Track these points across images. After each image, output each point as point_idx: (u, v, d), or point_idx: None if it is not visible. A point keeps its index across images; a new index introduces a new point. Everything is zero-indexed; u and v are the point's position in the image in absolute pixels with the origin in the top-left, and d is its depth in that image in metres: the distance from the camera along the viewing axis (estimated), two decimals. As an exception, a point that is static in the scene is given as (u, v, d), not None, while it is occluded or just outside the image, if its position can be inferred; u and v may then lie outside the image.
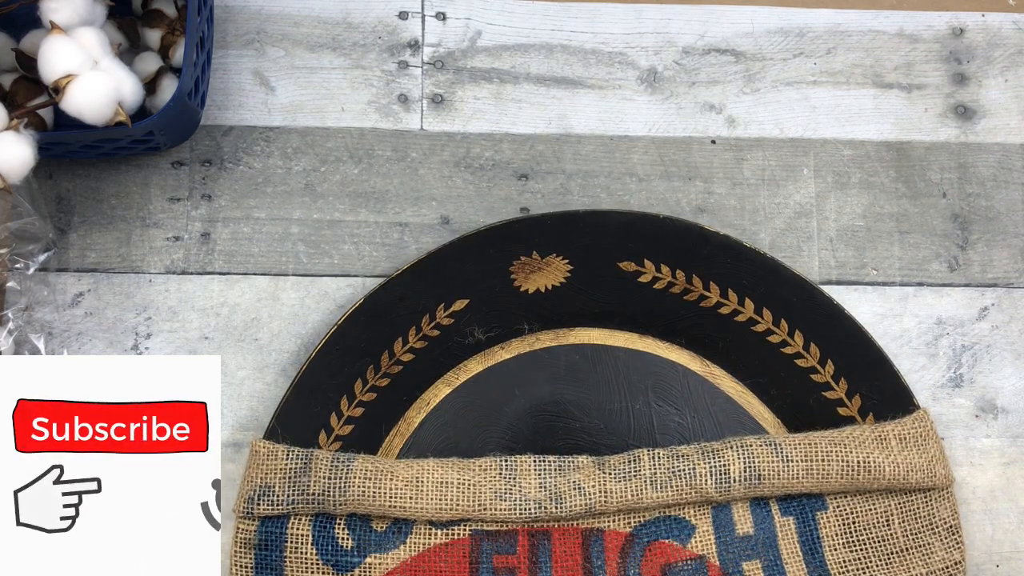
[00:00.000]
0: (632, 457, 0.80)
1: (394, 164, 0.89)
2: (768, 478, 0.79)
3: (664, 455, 0.78)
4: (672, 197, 0.89)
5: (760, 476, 0.79)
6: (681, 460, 0.79)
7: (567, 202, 0.89)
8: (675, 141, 0.90)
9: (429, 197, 0.89)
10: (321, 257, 0.88)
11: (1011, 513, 0.85)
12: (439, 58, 0.91)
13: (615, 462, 0.80)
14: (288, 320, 0.87)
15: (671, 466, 0.79)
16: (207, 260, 0.87)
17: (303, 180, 0.89)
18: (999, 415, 0.86)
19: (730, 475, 0.79)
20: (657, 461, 0.78)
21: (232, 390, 0.85)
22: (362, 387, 0.83)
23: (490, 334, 0.85)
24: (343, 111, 0.90)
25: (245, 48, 0.91)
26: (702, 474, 0.79)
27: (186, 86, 0.81)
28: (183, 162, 0.89)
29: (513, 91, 0.91)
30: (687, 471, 0.79)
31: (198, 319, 0.86)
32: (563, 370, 0.85)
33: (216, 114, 0.89)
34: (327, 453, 0.79)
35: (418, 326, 0.84)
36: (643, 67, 0.92)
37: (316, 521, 0.79)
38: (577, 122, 0.90)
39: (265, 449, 0.80)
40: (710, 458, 0.79)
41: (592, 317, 0.85)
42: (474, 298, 0.84)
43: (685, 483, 0.79)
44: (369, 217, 0.88)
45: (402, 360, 0.84)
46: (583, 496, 0.79)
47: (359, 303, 0.83)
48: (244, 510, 0.78)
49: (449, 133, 0.90)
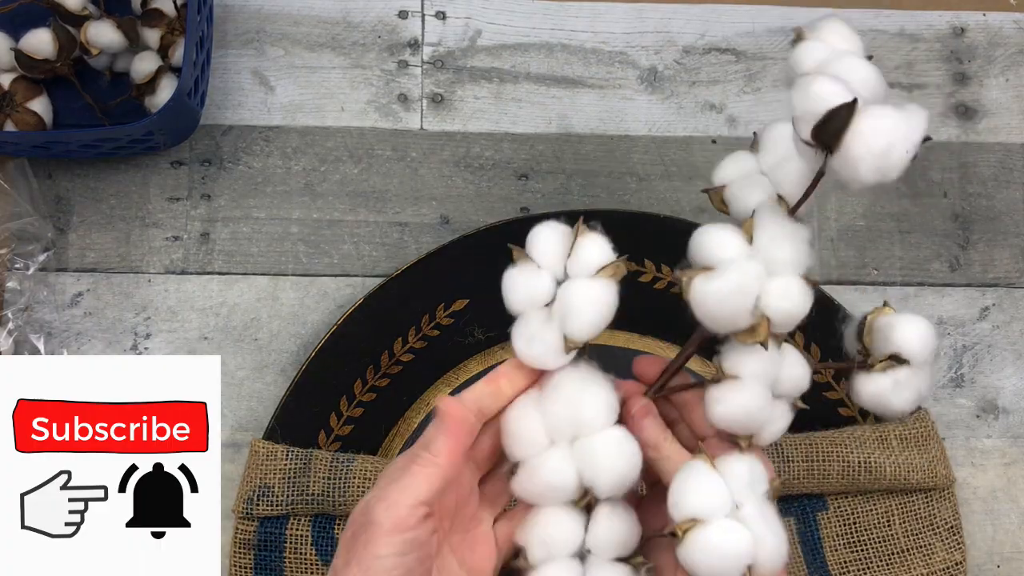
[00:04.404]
0: None
1: (394, 164, 0.89)
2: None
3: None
4: (672, 197, 0.89)
5: None
6: None
7: (567, 202, 0.89)
8: (676, 140, 0.91)
9: (429, 197, 0.89)
10: (321, 257, 0.88)
11: (1012, 513, 0.85)
12: (439, 57, 0.91)
13: None
14: (288, 320, 0.87)
15: None
16: (206, 260, 0.87)
17: (303, 180, 0.89)
18: (1000, 415, 0.87)
19: None
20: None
21: (231, 390, 0.85)
22: (362, 387, 0.83)
23: (490, 334, 0.84)
24: (343, 110, 0.90)
25: (244, 47, 0.91)
26: None
27: (185, 85, 0.81)
28: (182, 162, 0.89)
29: (513, 90, 0.91)
30: None
31: (197, 319, 0.86)
32: None
33: (215, 114, 0.89)
34: (327, 453, 0.80)
35: (418, 326, 0.84)
36: (644, 66, 0.92)
37: (315, 521, 0.79)
38: (577, 121, 0.91)
39: (265, 449, 0.80)
40: None
41: None
42: (474, 298, 0.84)
43: None
44: (369, 217, 0.88)
45: (402, 360, 0.84)
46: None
47: (359, 303, 0.83)
48: (243, 510, 0.79)
49: (449, 133, 0.90)
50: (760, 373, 0.54)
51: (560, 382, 0.57)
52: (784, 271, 0.53)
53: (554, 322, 0.56)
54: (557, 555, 0.56)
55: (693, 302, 0.53)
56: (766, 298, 0.52)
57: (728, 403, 0.54)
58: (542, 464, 0.56)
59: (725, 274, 0.52)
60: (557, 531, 0.56)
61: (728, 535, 0.52)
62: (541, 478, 0.56)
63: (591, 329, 0.56)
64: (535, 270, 0.57)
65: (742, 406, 0.54)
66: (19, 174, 0.86)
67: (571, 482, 0.56)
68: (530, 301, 0.57)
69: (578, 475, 0.56)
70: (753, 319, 0.52)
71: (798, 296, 0.53)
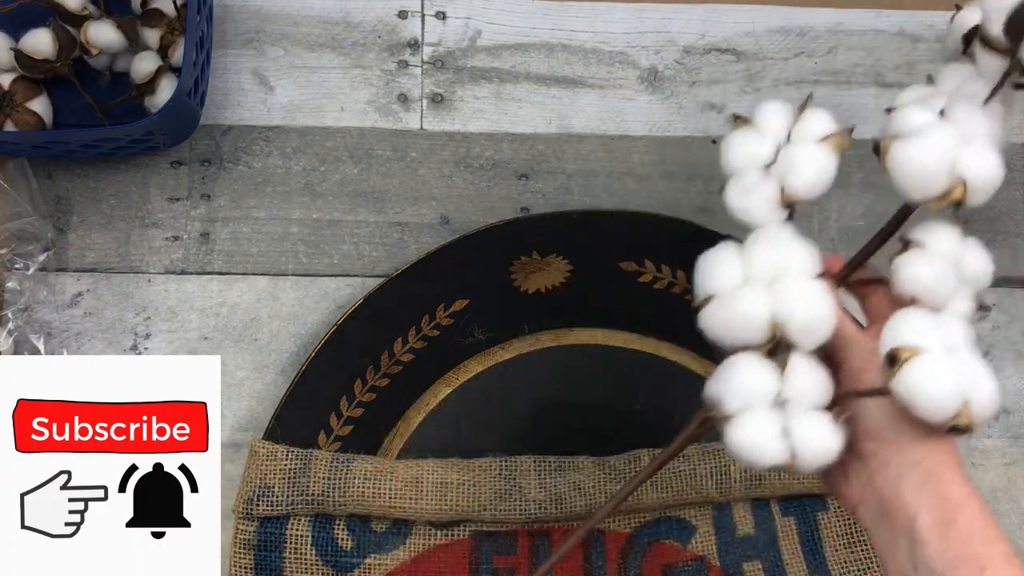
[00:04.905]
0: (633, 457, 0.80)
1: (394, 164, 0.89)
2: (769, 478, 0.79)
3: (665, 455, 0.77)
4: (672, 197, 0.89)
5: (760, 476, 0.79)
6: (682, 460, 0.80)
7: (567, 202, 0.89)
8: (676, 141, 0.91)
9: (429, 197, 0.89)
10: (321, 257, 0.88)
11: (1013, 514, 0.85)
12: (439, 57, 0.91)
13: (616, 463, 0.80)
14: (287, 320, 0.87)
15: (672, 466, 0.79)
16: (206, 260, 0.87)
17: (302, 180, 0.89)
18: (1000, 415, 0.87)
19: (731, 475, 0.79)
20: (658, 461, 0.77)
21: (231, 390, 0.85)
22: (362, 387, 0.83)
23: (490, 334, 0.85)
24: (343, 111, 0.90)
25: (244, 47, 0.91)
26: (703, 475, 0.79)
27: (185, 85, 0.81)
28: (182, 162, 0.89)
29: (513, 90, 0.91)
30: (687, 472, 0.79)
31: (197, 319, 0.86)
32: (563, 370, 0.85)
33: (215, 113, 0.89)
34: (327, 453, 0.80)
35: (418, 326, 0.84)
36: (644, 66, 0.92)
37: (315, 522, 0.80)
38: (577, 121, 0.91)
39: (265, 449, 0.80)
40: (711, 458, 0.79)
41: (592, 317, 0.86)
42: (474, 298, 0.84)
43: (686, 484, 0.79)
44: (369, 217, 0.88)
45: (402, 360, 0.84)
46: (584, 496, 0.79)
47: (359, 303, 0.83)
48: (244, 510, 0.79)
49: (449, 132, 0.90)
50: (945, 245, 0.57)
51: (767, 231, 0.58)
52: (979, 141, 0.55)
53: (772, 180, 0.58)
54: (754, 404, 0.56)
55: (891, 166, 0.55)
56: (963, 162, 0.54)
57: (916, 265, 0.56)
58: (736, 296, 0.56)
59: (925, 136, 0.54)
60: (752, 380, 0.56)
61: (949, 366, 0.52)
62: (734, 309, 0.56)
63: (810, 188, 0.57)
64: (758, 135, 0.59)
65: (929, 268, 0.56)
66: (19, 174, 0.86)
67: (763, 318, 0.56)
68: (750, 160, 0.59)
69: (771, 315, 0.56)
70: (949, 182, 0.54)
71: (995, 161, 0.54)
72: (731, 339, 0.57)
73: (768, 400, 0.56)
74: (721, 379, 0.57)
